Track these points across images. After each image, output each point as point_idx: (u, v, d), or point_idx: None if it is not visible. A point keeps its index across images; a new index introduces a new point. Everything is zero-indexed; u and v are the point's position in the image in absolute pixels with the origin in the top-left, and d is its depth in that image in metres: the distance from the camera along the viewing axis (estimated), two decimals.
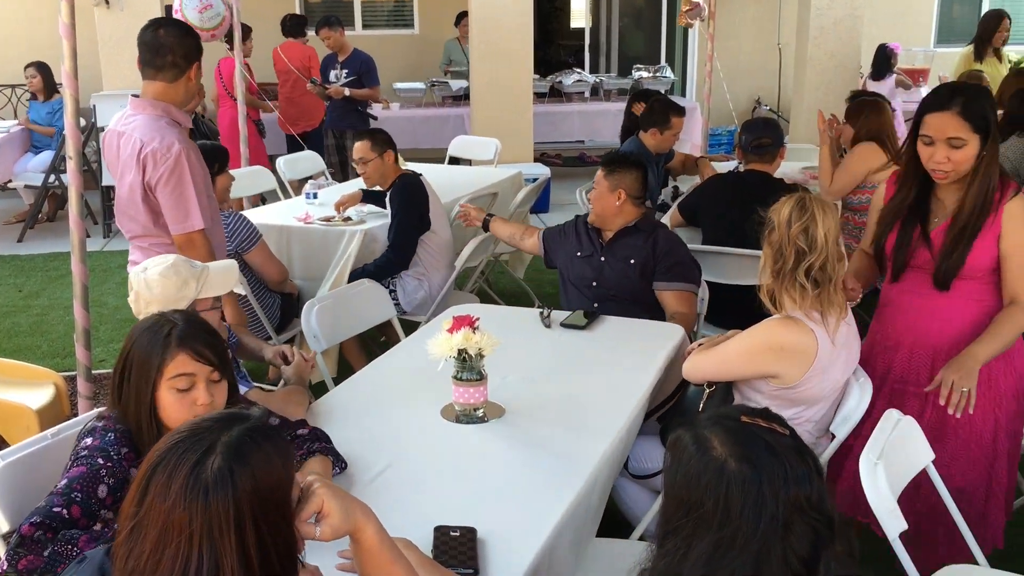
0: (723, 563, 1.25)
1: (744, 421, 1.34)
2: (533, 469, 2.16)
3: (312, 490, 1.35)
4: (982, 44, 7.06)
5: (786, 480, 1.26)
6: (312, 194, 4.93)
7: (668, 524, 1.33)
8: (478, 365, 2.38)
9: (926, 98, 2.48)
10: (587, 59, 11.29)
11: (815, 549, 1.26)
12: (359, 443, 2.24)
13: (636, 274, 3.41)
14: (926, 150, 2.43)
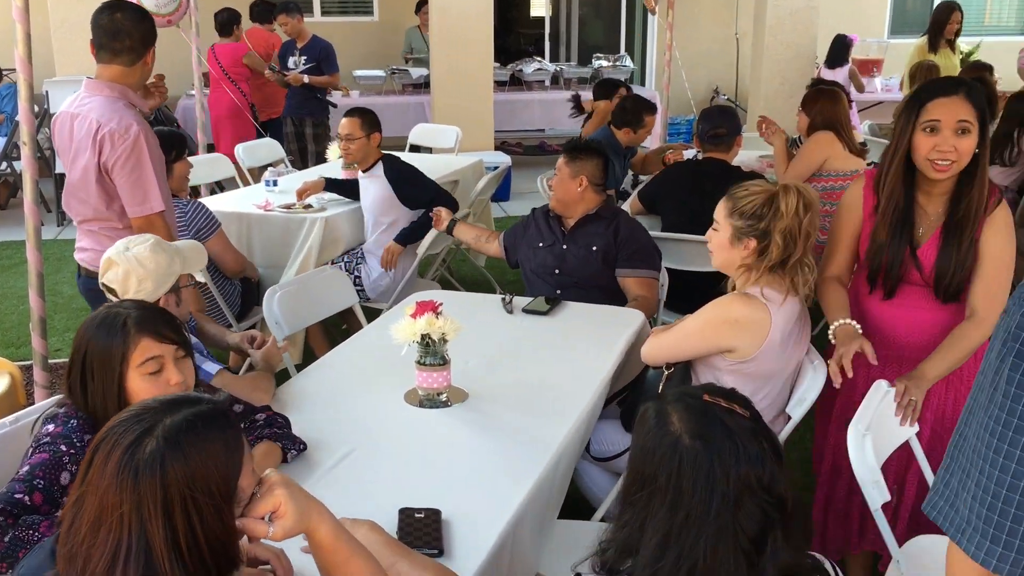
0: (678, 537, 1.28)
1: (706, 400, 1.38)
2: (496, 452, 2.19)
3: (269, 486, 1.34)
4: (935, 35, 7.21)
5: (737, 459, 1.30)
6: (272, 181, 4.90)
7: (627, 496, 1.38)
8: (441, 350, 2.40)
9: (926, 87, 2.36)
10: (547, 48, 11.31)
11: (763, 529, 1.30)
12: (323, 428, 2.25)
13: (599, 261, 3.45)
14: (929, 140, 2.27)
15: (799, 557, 1.35)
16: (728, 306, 2.45)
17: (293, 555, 1.58)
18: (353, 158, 4.31)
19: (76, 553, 1.20)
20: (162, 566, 1.18)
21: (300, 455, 2.09)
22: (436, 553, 1.74)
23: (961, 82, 2.33)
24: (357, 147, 4.26)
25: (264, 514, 1.33)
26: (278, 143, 6.37)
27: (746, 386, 2.45)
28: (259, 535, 1.33)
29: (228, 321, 3.82)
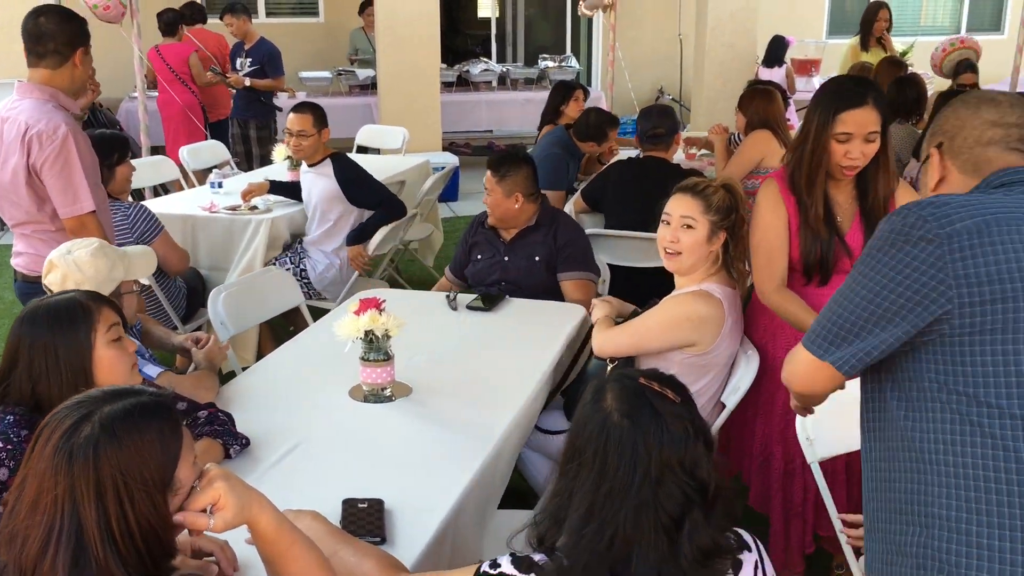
0: (602, 508, 1.35)
1: (641, 382, 1.44)
2: (439, 444, 2.24)
3: (210, 479, 1.37)
4: (865, 34, 7.43)
5: (661, 441, 1.36)
6: (217, 183, 4.89)
7: (561, 466, 1.44)
8: (384, 346, 2.45)
9: (835, 96, 2.44)
10: (494, 48, 11.37)
11: (683, 509, 1.36)
12: (268, 424, 2.28)
13: (542, 269, 3.43)
14: (841, 147, 2.40)
15: (720, 538, 1.42)
16: (684, 304, 2.54)
17: (238, 547, 1.62)
18: (304, 154, 4.32)
19: (16, 533, 1.24)
20: (93, 548, 1.22)
21: (243, 451, 2.12)
22: (379, 541, 1.79)
23: (868, 89, 2.43)
24: (310, 143, 4.26)
25: (204, 507, 1.35)
26: (223, 145, 6.35)
27: (690, 375, 2.54)
28: (200, 527, 1.36)
29: (173, 323, 3.81)
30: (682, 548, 1.34)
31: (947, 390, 1.40)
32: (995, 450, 1.36)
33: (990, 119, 1.55)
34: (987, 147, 1.55)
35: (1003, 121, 1.55)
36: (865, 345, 1.45)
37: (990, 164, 1.54)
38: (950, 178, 1.59)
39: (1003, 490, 1.34)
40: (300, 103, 4.41)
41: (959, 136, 1.58)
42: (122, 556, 1.24)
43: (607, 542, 1.34)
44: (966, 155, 1.57)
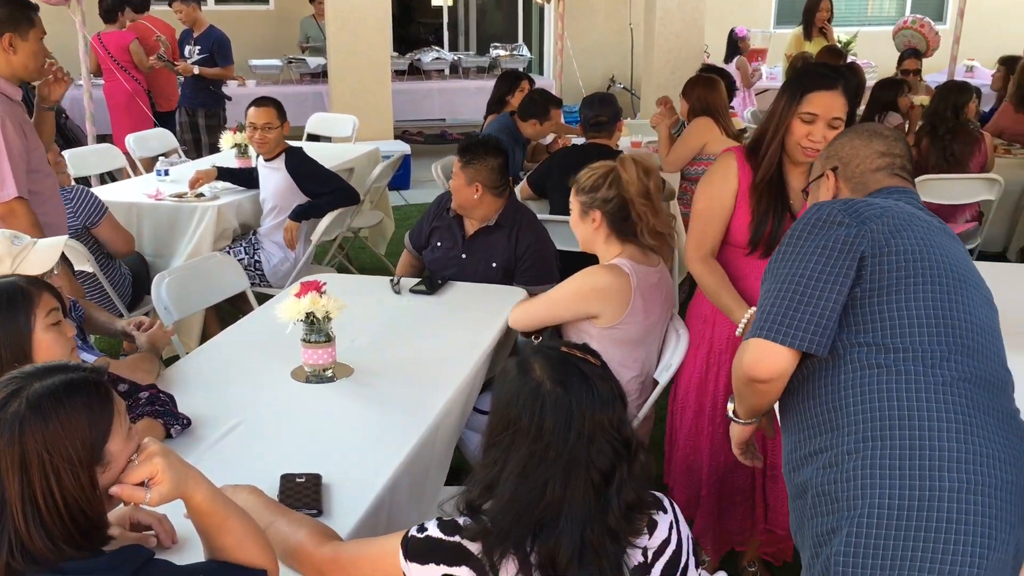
0: (536, 472, 1.44)
1: (564, 351, 1.54)
2: (377, 421, 2.31)
3: (148, 453, 1.42)
4: (808, 24, 7.59)
5: (592, 402, 1.46)
6: (164, 171, 4.89)
7: (491, 438, 1.52)
8: (326, 328, 2.50)
9: (806, 77, 2.46)
10: (446, 37, 11.38)
11: (612, 465, 1.46)
12: (209, 405, 2.33)
13: (499, 276, 3.40)
14: (804, 128, 2.41)
15: (642, 493, 1.52)
16: (592, 275, 2.64)
17: (176, 520, 1.67)
18: (267, 147, 4.33)
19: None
20: (16, 520, 1.27)
21: (185, 430, 2.16)
22: (316, 513, 1.85)
23: (840, 74, 2.48)
24: (275, 136, 4.29)
25: (140, 480, 1.40)
26: (171, 133, 6.31)
27: (616, 351, 2.64)
28: (137, 500, 1.41)
29: (119, 311, 3.82)
30: (611, 503, 1.44)
31: (856, 344, 1.61)
32: (898, 382, 1.57)
33: (879, 150, 1.85)
34: (875, 172, 1.84)
35: (890, 152, 1.85)
36: (822, 319, 1.60)
37: (874, 185, 1.84)
38: (842, 196, 1.86)
39: (903, 416, 1.55)
40: (260, 97, 4.42)
41: (852, 163, 1.86)
42: (47, 528, 1.29)
43: (538, 501, 1.42)
44: (857, 179, 1.86)
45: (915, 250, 1.63)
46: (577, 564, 1.41)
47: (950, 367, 1.58)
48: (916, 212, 1.73)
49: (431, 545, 1.47)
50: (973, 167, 4.98)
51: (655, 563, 1.50)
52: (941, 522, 1.48)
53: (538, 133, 5.38)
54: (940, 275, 1.63)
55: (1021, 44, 11.12)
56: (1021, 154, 5.59)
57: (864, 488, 1.54)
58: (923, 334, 1.59)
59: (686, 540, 1.58)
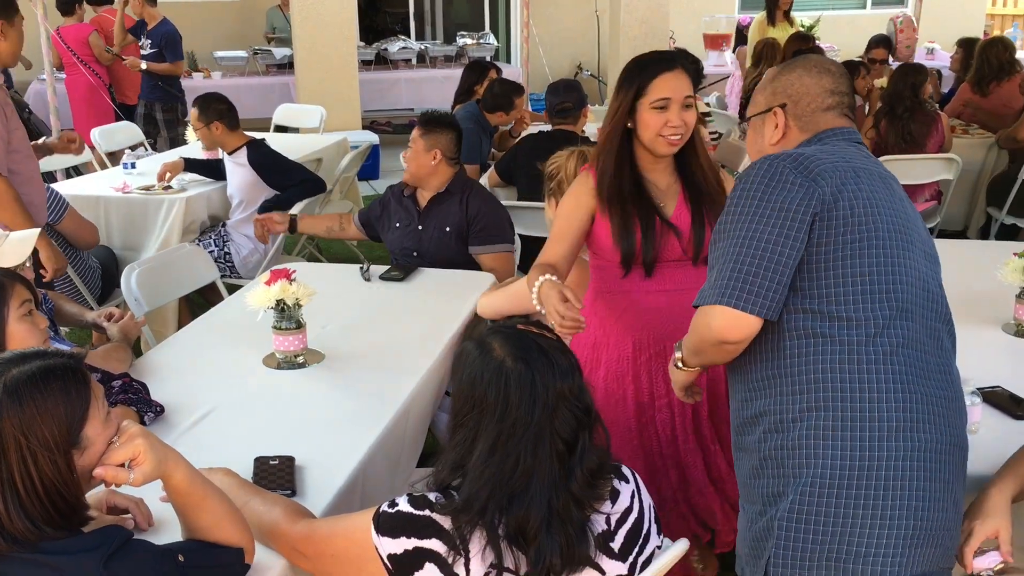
0: (506, 447, 1.48)
1: (520, 328, 1.59)
2: (349, 405, 2.35)
3: (130, 435, 1.46)
4: (771, 9, 7.67)
5: (553, 374, 1.51)
6: (130, 164, 4.88)
7: (457, 419, 1.56)
8: (296, 314, 2.54)
9: (643, 66, 2.31)
10: (412, 26, 11.37)
11: (575, 431, 1.52)
12: (182, 392, 2.36)
13: (453, 241, 3.49)
14: (660, 116, 2.26)
15: (603, 459, 1.58)
16: None
17: (152, 504, 1.71)
18: (209, 144, 4.40)
19: None
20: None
21: (158, 418, 2.19)
22: (290, 494, 1.89)
23: (674, 56, 2.42)
24: (202, 136, 4.36)
25: (122, 461, 1.44)
26: (136, 127, 6.28)
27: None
28: (120, 481, 1.45)
29: (89, 304, 3.82)
30: (575, 470, 1.49)
31: (801, 311, 1.63)
32: (842, 353, 1.60)
33: (829, 87, 1.77)
34: (825, 112, 1.78)
35: (838, 89, 1.78)
36: (780, 285, 1.61)
37: (821, 126, 1.78)
38: (790, 135, 1.80)
39: (847, 387, 1.60)
40: (197, 96, 4.43)
41: (803, 101, 1.78)
42: (27, 510, 1.33)
43: (509, 473, 1.47)
44: (807, 118, 1.78)
45: (861, 211, 1.63)
46: (545, 531, 1.46)
47: (892, 334, 1.61)
48: (862, 164, 1.71)
49: (402, 519, 1.51)
50: (931, 147, 5.09)
51: (618, 530, 1.56)
52: (879, 489, 1.56)
53: (505, 122, 5.44)
54: (884, 236, 1.64)
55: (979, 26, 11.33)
56: (979, 134, 5.71)
57: (809, 457, 1.60)
58: (866, 302, 1.61)
59: (648, 509, 1.63)
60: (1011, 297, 2.66)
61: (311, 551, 1.64)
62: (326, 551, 1.62)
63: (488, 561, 1.46)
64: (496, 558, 1.46)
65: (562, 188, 2.64)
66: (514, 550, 1.46)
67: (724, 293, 1.62)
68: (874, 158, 1.79)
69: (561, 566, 1.47)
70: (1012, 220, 5.19)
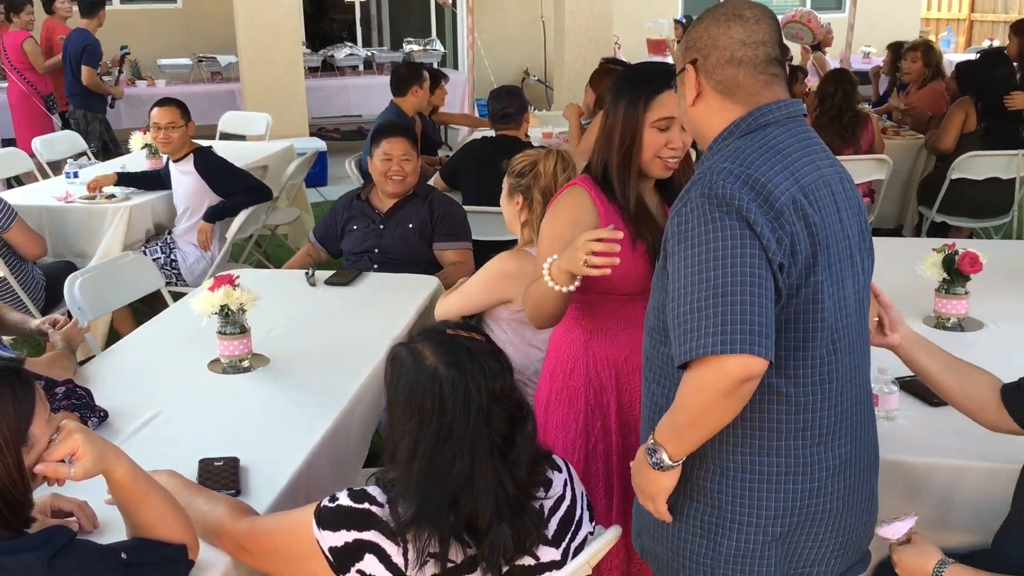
0: (445, 450, 1.52)
1: (449, 333, 1.62)
2: (294, 407, 2.39)
3: (68, 431, 1.49)
4: None
5: (485, 376, 1.55)
6: (73, 173, 4.85)
7: (395, 426, 1.59)
8: (240, 319, 2.57)
9: (644, 81, 2.10)
10: (359, 33, 11.38)
11: (511, 427, 1.57)
12: (127, 398, 2.38)
13: (416, 238, 3.65)
14: (661, 137, 2.06)
15: (538, 449, 1.64)
16: (500, 261, 2.76)
17: (98, 507, 1.74)
18: (171, 147, 4.36)
19: None
20: None
21: (102, 423, 2.21)
22: (234, 493, 1.92)
23: (670, 74, 1.95)
24: (179, 135, 4.32)
25: (63, 456, 1.47)
26: (78, 136, 6.23)
27: (525, 332, 2.77)
28: (61, 475, 1.48)
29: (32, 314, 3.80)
30: (516, 463, 1.55)
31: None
32: (782, 404, 1.56)
33: (739, 38, 1.55)
34: (738, 68, 1.55)
35: (750, 40, 1.55)
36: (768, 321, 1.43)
37: (739, 87, 1.56)
38: (705, 94, 1.59)
39: (783, 435, 1.57)
40: (162, 98, 4.42)
41: (712, 56, 1.57)
42: None
43: (451, 476, 1.51)
44: (719, 75, 1.57)
45: (817, 257, 1.50)
46: (497, 523, 1.51)
47: (839, 402, 1.60)
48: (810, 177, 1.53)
49: (342, 513, 1.56)
50: (863, 147, 5.25)
51: (551, 517, 1.61)
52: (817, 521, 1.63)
53: (422, 100, 5.47)
54: (835, 284, 1.55)
55: (914, 31, 11.67)
56: (909, 135, 5.91)
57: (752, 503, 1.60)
58: (817, 365, 1.56)
59: (580, 496, 1.69)
60: (931, 291, 2.80)
61: (254, 547, 1.67)
62: (269, 546, 1.66)
63: (427, 551, 1.50)
64: (439, 550, 1.50)
65: (539, 184, 2.67)
66: (460, 544, 1.51)
67: (734, 341, 1.39)
68: (818, 149, 1.60)
69: (514, 552, 1.54)
70: (942, 218, 5.38)
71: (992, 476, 2.00)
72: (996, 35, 12.43)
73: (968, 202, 5.27)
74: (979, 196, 5.23)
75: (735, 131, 1.56)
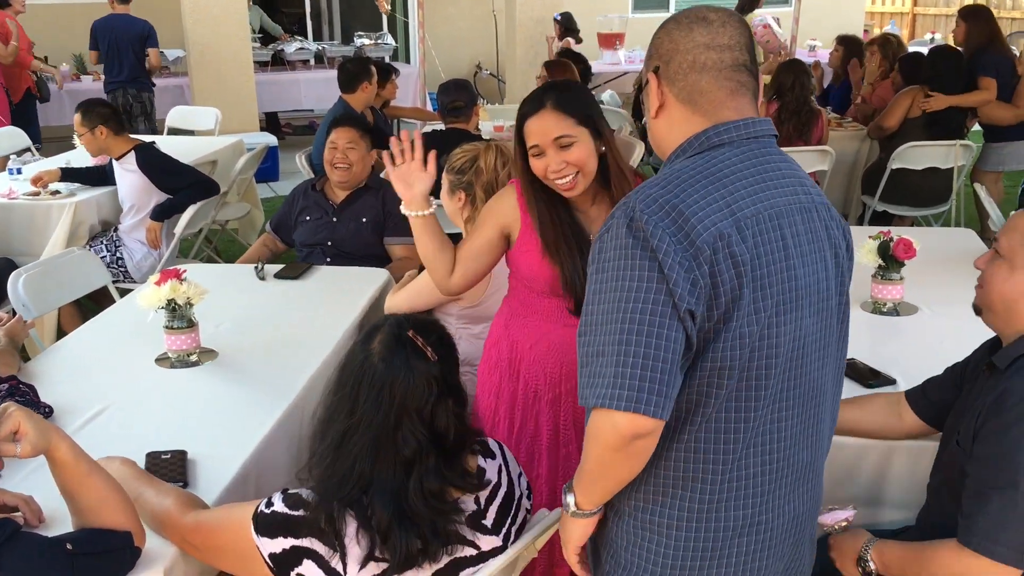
0: (349, 443, 1.51)
1: (409, 335, 1.55)
2: (242, 400, 2.40)
3: (8, 413, 1.51)
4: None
5: (406, 390, 1.50)
6: (16, 169, 4.77)
7: (327, 398, 1.59)
8: (188, 313, 2.57)
9: (521, 108, 2.14)
10: (309, 27, 11.30)
11: (415, 455, 1.51)
12: (73, 394, 2.37)
13: (369, 231, 3.68)
14: (540, 162, 2.08)
15: (455, 481, 1.55)
16: None
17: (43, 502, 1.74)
18: (94, 151, 4.33)
19: None
20: None
21: (48, 419, 2.20)
22: (182, 485, 1.93)
23: (548, 92, 2.12)
24: (86, 141, 4.28)
25: (6, 435, 1.49)
26: (22, 131, 6.12)
27: (475, 327, 2.80)
28: (8, 454, 1.50)
29: None
30: (411, 487, 1.50)
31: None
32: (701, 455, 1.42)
33: (703, 41, 1.43)
34: (701, 74, 1.43)
35: (715, 43, 1.43)
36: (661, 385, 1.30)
37: (703, 96, 1.44)
38: (668, 105, 1.47)
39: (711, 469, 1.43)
40: (80, 102, 4.37)
41: (674, 61, 1.45)
42: None
43: (351, 472, 1.50)
44: (681, 82, 1.44)
45: (742, 292, 1.34)
46: (398, 526, 1.47)
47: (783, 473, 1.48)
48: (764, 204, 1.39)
49: (278, 520, 1.54)
50: (813, 141, 5.36)
51: (488, 507, 1.60)
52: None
53: (370, 96, 5.46)
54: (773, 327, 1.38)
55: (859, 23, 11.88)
56: (852, 127, 6.04)
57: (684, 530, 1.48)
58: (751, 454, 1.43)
59: (517, 478, 1.69)
60: (868, 277, 2.88)
61: (199, 542, 1.67)
62: (212, 544, 1.65)
63: (363, 554, 1.50)
64: (368, 545, 1.49)
65: (480, 180, 2.66)
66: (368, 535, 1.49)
67: (622, 396, 1.29)
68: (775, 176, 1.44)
69: (424, 555, 1.50)
70: (883, 207, 5.50)
71: (918, 455, 2.08)
72: (938, 28, 12.70)
73: (908, 191, 5.40)
74: (919, 185, 5.37)
75: (688, 149, 1.44)
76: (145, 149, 4.35)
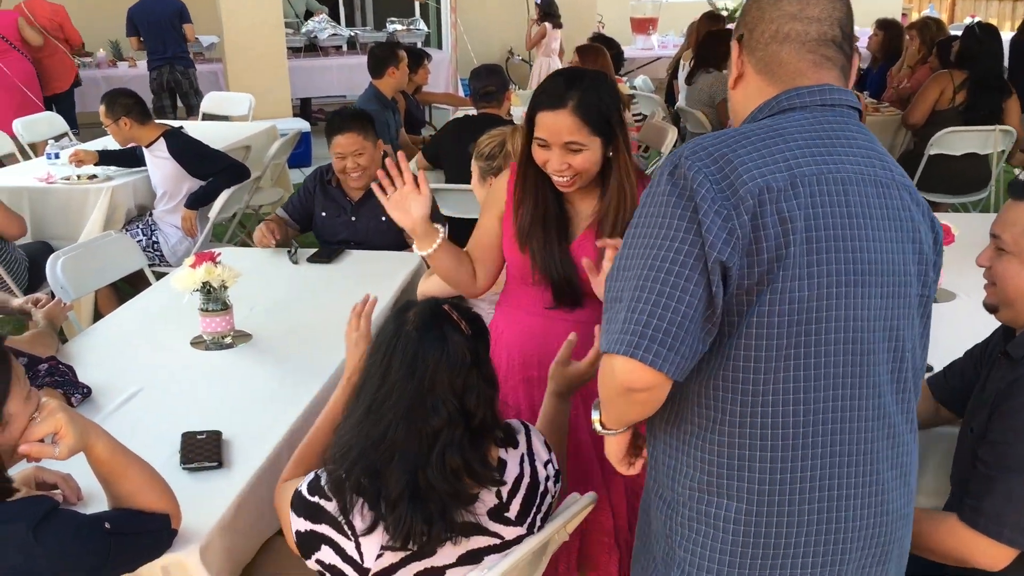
0: (379, 411, 1.51)
1: (443, 308, 1.58)
2: (276, 382, 2.42)
3: (50, 410, 1.51)
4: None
5: (439, 360, 1.51)
6: (54, 154, 4.84)
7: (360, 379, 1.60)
8: (222, 296, 2.59)
9: (538, 92, 2.04)
10: (342, 12, 11.32)
11: (442, 426, 1.50)
12: (110, 375, 2.41)
13: (391, 228, 3.47)
14: (542, 154, 2.02)
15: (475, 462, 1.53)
16: None
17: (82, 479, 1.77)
18: (121, 140, 4.38)
19: None
20: None
21: (85, 399, 2.24)
22: (216, 465, 1.96)
23: (574, 90, 1.97)
24: (112, 133, 4.32)
25: (45, 436, 1.49)
26: (60, 116, 6.20)
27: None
28: (46, 455, 1.50)
29: (15, 294, 3.81)
30: (432, 460, 1.49)
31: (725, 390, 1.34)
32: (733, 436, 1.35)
33: (790, 12, 1.35)
34: (782, 44, 1.36)
35: (803, 15, 1.35)
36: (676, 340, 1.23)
37: (782, 67, 1.36)
38: (746, 75, 1.41)
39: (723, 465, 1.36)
40: (104, 93, 4.40)
41: (757, 30, 1.38)
42: None
43: (377, 440, 1.50)
44: (761, 51, 1.38)
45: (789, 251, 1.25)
46: (409, 503, 1.47)
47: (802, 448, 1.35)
48: (830, 166, 1.29)
49: (302, 502, 1.56)
50: None
51: (511, 500, 1.58)
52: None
53: (400, 81, 5.42)
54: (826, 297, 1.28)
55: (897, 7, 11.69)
56: (888, 112, 5.95)
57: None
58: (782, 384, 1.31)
59: (541, 465, 1.65)
60: None
61: (277, 505, 1.68)
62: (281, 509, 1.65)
63: (379, 543, 1.51)
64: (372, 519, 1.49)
65: (511, 163, 2.64)
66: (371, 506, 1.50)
67: (621, 340, 1.23)
68: (846, 144, 1.33)
69: (429, 537, 1.50)
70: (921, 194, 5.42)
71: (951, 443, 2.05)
72: (978, 12, 12.48)
73: (946, 178, 5.32)
74: (957, 171, 5.28)
75: (757, 115, 1.37)
76: (174, 135, 4.38)
